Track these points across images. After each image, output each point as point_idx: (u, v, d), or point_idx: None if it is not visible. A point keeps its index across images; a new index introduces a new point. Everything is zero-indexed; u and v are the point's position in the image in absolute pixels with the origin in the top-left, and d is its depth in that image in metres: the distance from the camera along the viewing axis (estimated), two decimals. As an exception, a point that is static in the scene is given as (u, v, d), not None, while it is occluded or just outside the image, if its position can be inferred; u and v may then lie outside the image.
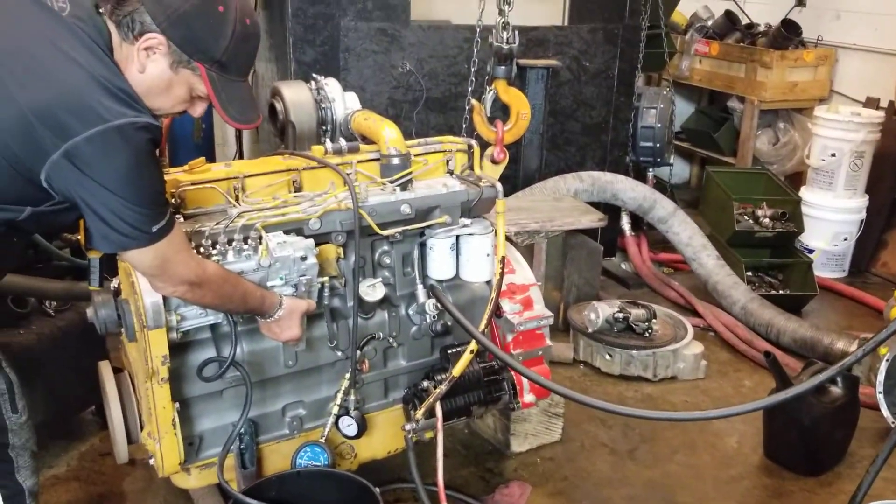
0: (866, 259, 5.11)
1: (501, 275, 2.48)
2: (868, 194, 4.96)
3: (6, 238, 1.75)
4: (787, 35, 5.43)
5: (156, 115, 1.78)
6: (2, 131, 1.57)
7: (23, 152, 1.59)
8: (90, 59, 1.64)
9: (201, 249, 2.03)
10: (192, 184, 2.16)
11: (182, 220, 2.09)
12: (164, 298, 1.99)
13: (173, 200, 2.11)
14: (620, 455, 3.17)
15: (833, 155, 4.86)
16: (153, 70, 1.75)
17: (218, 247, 2.05)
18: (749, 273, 4.58)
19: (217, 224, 2.07)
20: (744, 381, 3.76)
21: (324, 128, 2.68)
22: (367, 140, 2.54)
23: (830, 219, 4.93)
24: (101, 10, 1.73)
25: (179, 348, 2.14)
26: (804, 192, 5.01)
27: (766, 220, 4.68)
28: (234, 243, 2.07)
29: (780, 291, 4.56)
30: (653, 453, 3.19)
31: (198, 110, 1.91)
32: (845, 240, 4.97)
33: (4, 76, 1.57)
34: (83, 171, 1.61)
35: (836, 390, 2.99)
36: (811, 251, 4.92)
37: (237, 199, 2.19)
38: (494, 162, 3.00)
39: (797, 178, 5.54)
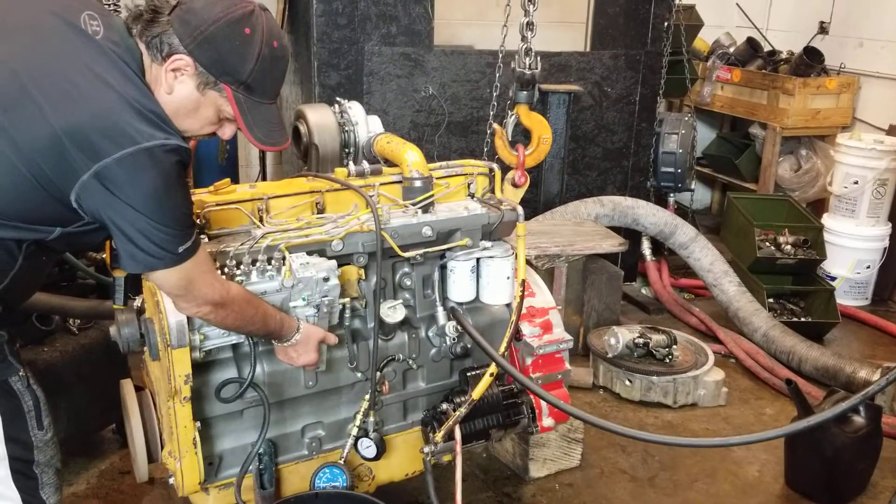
0: (889, 287, 5.07)
1: (521, 298, 2.48)
2: (891, 222, 4.93)
3: (36, 258, 1.77)
4: (810, 62, 5.43)
5: (185, 137, 1.81)
6: (34, 151, 1.60)
7: (54, 173, 1.62)
8: (122, 82, 1.66)
9: (226, 270, 2.05)
10: (218, 205, 2.18)
11: (207, 240, 2.12)
12: (188, 318, 2.00)
13: (199, 221, 2.13)
14: (640, 482, 3.15)
15: (856, 182, 4.84)
16: (181, 91, 1.77)
17: (242, 267, 2.07)
18: (771, 300, 4.56)
19: (242, 245, 2.09)
20: (765, 409, 3.73)
21: (347, 150, 2.71)
22: (389, 163, 2.56)
23: (853, 246, 4.90)
24: (132, 33, 1.76)
25: (201, 368, 2.16)
26: (826, 220, 4.99)
27: (788, 246, 4.65)
28: (258, 264, 2.09)
29: (802, 319, 4.52)
30: (673, 481, 3.16)
31: (227, 132, 1.92)
32: (868, 268, 4.94)
33: (39, 98, 1.60)
34: (112, 192, 1.63)
35: (859, 419, 2.95)
36: (833, 279, 4.89)
37: (261, 220, 2.21)
38: (516, 185, 3.02)
39: (819, 206, 5.52)
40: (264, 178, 5.29)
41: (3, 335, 1.80)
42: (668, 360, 3.72)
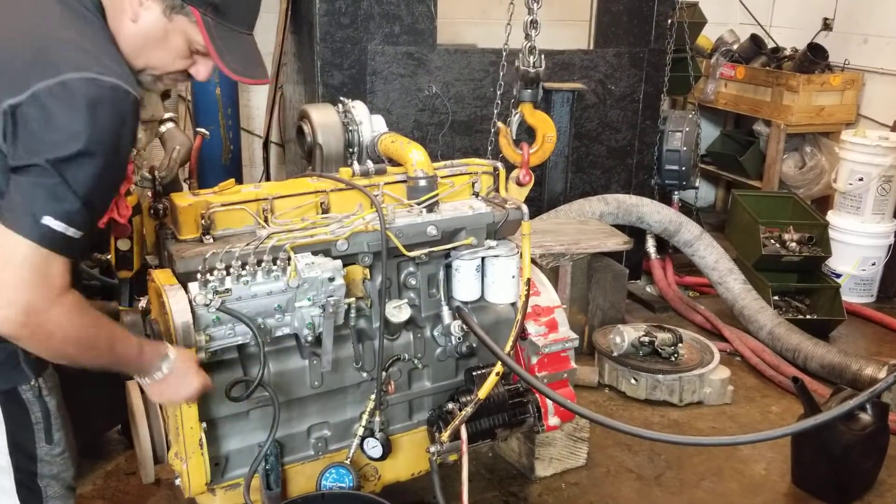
0: (895, 284, 5.05)
1: (527, 297, 2.47)
2: (896, 219, 4.92)
3: None
4: (814, 59, 5.41)
5: (158, 78, 1.72)
6: None
7: None
8: (63, 14, 1.56)
9: (231, 270, 2.05)
10: (222, 205, 2.18)
11: (212, 241, 2.12)
12: (194, 317, 2.00)
13: (203, 222, 2.13)
14: (646, 481, 3.14)
15: (861, 179, 4.82)
16: (147, 18, 1.66)
17: (248, 268, 2.06)
18: (776, 297, 4.54)
19: (247, 245, 2.09)
20: (771, 407, 3.72)
21: (351, 150, 2.70)
22: (393, 162, 2.55)
23: (858, 243, 4.89)
24: None
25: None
26: (831, 217, 4.97)
27: (793, 244, 4.64)
28: (263, 264, 2.08)
29: (808, 316, 4.51)
30: (679, 480, 3.16)
31: (201, 71, 1.78)
32: (873, 265, 4.92)
33: None
34: (25, 129, 1.44)
35: (866, 417, 2.95)
36: (838, 276, 4.87)
37: (266, 221, 2.21)
38: (520, 184, 3.01)
39: (824, 203, 5.51)
40: (268, 179, 5.29)
41: None
42: (673, 359, 3.71)
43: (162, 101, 3.10)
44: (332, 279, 2.14)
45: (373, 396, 2.40)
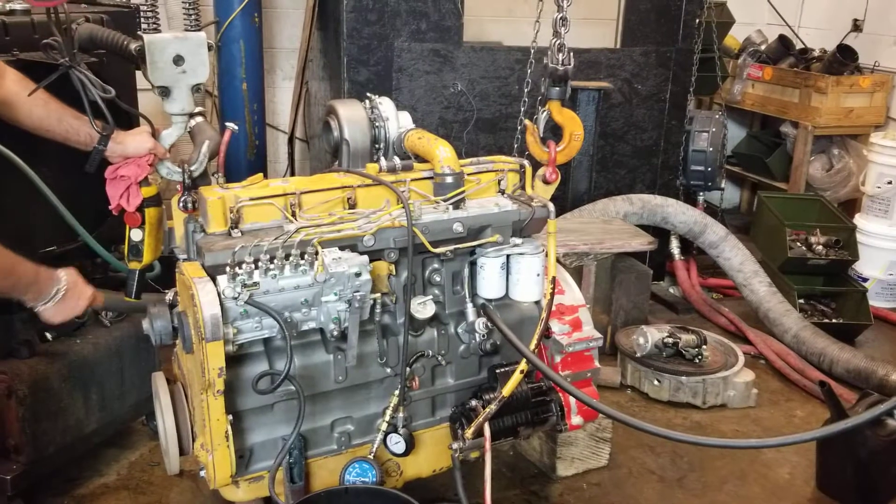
0: (923, 289, 4.99)
1: (552, 295, 2.46)
2: (925, 223, 4.85)
3: None
4: (843, 60, 5.36)
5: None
6: None
7: None
8: None
9: (259, 264, 2.06)
10: (251, 199, 2.19)
11: (240, 234, 2.13)
12: (223, 310, 2.01)
13: (231, 216, 2.14)
14: (669, 483, 3.12)
15: (889, 182, 4.77)
16: None
17: (276, 261, 2.07)
18: (801, 301, 4.50)
19: (275, 239, 2.10)
20: (795, 411, 3.69)
21: (377, 146, 2.70)
22: (420, 159, 2.55)
23: (886, 247, 4.84)
24: None
25: (233, 361, 2.16)
26: (859, 220, 4.92)
27: (820, 247, 4.59)
28: (290, 258, 2.09)
29: (834, 320, 4.47)
30: (702, 482, 3.14)
31: None
32: (901, 269, 4.87)
33: None
34: None
35: (893, 423, 2.91)
36: (865, 280, 4.82)
37: (294, 215, 2.22)
38: (546, 182, 3.00)
39: (851, 206, 5.45)
40: (292, 174, 5.31)
41: None
42: (697, 361, 3.69)
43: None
44: (358, 274, 2.14)
45: (396, 392, 2.40)
